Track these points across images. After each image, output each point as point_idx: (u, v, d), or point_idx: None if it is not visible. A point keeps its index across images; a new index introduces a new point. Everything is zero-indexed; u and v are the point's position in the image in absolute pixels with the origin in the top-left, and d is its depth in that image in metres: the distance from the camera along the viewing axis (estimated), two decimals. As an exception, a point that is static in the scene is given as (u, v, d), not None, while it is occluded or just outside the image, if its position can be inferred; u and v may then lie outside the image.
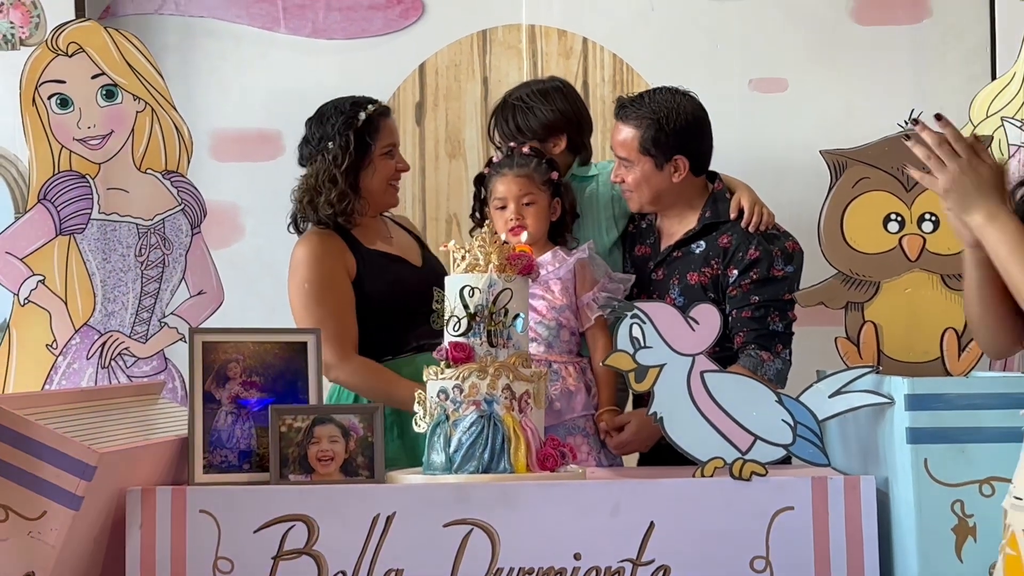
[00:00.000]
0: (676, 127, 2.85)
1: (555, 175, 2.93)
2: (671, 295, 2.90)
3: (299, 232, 3.02)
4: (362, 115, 2.94)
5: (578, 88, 3.57)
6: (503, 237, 2.68)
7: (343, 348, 2.85)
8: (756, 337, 2.79)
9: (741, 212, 2.90)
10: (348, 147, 2.90)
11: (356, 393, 2.89)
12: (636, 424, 2.80)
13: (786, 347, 2.81)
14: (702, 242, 2.91)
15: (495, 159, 2.98)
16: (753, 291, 2.81)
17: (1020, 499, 1.85)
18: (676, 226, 2.97)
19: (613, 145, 2.96)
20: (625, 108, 2.91)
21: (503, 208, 2.89)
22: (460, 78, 3.68)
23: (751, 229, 2.86)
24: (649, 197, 2.92)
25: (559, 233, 2.97)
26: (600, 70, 3.66)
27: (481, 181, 2.99)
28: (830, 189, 2.73)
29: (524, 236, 2.71)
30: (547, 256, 2.90)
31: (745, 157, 3.41)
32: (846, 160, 2.73)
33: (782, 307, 2.81)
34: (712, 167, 3.01)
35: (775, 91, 3.60)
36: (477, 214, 3.00)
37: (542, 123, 3.05)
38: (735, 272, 2.83)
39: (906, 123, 2.74)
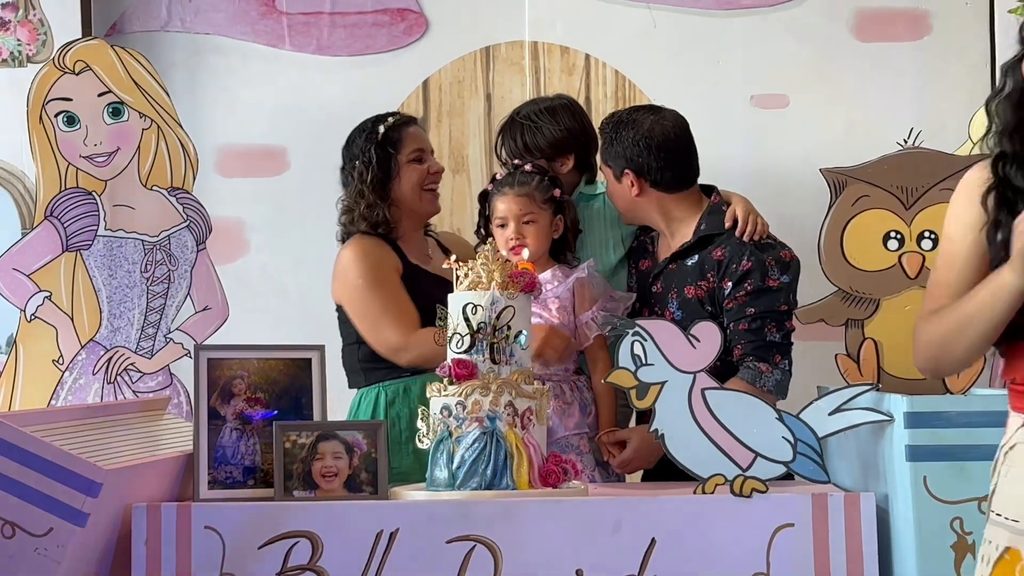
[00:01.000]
0: (623, 141, 2.92)
1: (557, 192, 2.95)
2: (670, 308, 2.91)
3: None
4: (381, 128, 3.01)
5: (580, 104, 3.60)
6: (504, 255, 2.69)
7: (407, 328, 2.88)
8: (754, 349, 2.80)
9: (735, 223, 2.91)
10: (371, 161, 2.98)
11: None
12: (637, 441, 2.81)
13: (784, 357, 2.82)
14: (695, 255, 2.92)
15: (499, 176, 2.99)
16: (749, 303, 2.82)
17: (1000, 515, 1.85)
18: (674, 239, 2.99)
19: None
20: (603, 122, 3.04)
21: (504, 227, 2.90)
22: (463, 94, 3.70)
23: (745, 239, 2.86)
24: (621, 208, 3.02)
25: (561, 251, 2.98)
26: (603, 86, 3.67)
27: (485, 198, 3.00)
28: (830, 207, 2.73)
29: (525, 254, 2.72)
30: (547, 274, 2.92)
31: (745, 173, 3.42)
32: (846, 178, 2.74)
33: (778, 317, 2.82)
34: (712, 182, 3.02)
35: (776, 107, 3.61)
36: (482, 231, 3.01)
37: (550, 142, 3.07)
38: (729, 284, 2.84)
39: (905, 141, 2.77)
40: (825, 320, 2.75)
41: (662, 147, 2.91)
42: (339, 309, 3.01)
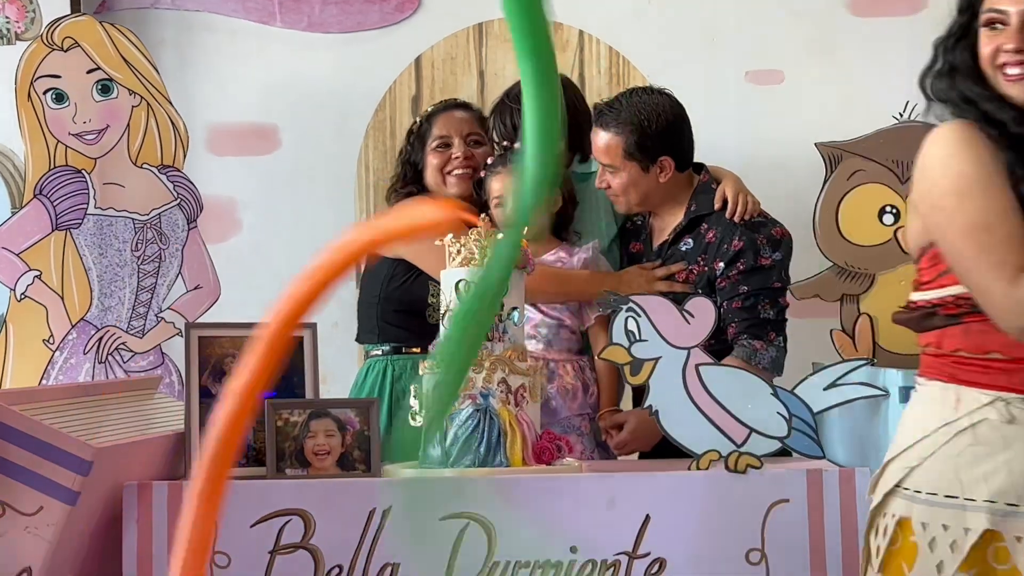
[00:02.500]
0: (658, 129, 2.85)
1: None
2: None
3: None
4: (418, 120, 3.04)
5: (574, 81, 3.58)
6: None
7: None
8: (748, 327, 2.79)
9: (726, 202, 2.89)
10: (409, 154, 3.02)
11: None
12: (635, 423, 2.80)
13: (779, 334, 2.81)
14: (689, 239, 2.90)
15: (490, 161, 2.97)
16: (742, 281, 2.80)
17: (908, 489, 1.82)
18: (665, 222, 2.96)
19: (595, 152, 2.91)
20: (604, 115, 2.87)
21: (500, 205, 2.88)
22: (456, 72, 3.67)
23: (735, 219, 2.84)
24: (637, 200, 2.90)
25: (562, 227, 2.96)
26: (596, 63, 3.65)
27: (480, 185, 2.98)
28: (825, 182, 2.73)
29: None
30: (550, 256, 2.89)
31: (740, 149, 3.41)
32: (841, 153, 2.73)
33: (772, 295, 2.81)
34: (706, 158, 3.00)
35: (771, 83, 3.59)
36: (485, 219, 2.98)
37: None
38: (722, 265, 2.82)
39: (901, 115, 2.76)
40: (820, 296, 2.75)
41: (683, 127, 2.89)
42: (394, 262, 2.93)
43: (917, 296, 1.90)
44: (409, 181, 3.01)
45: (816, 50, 3.58)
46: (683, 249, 2.89)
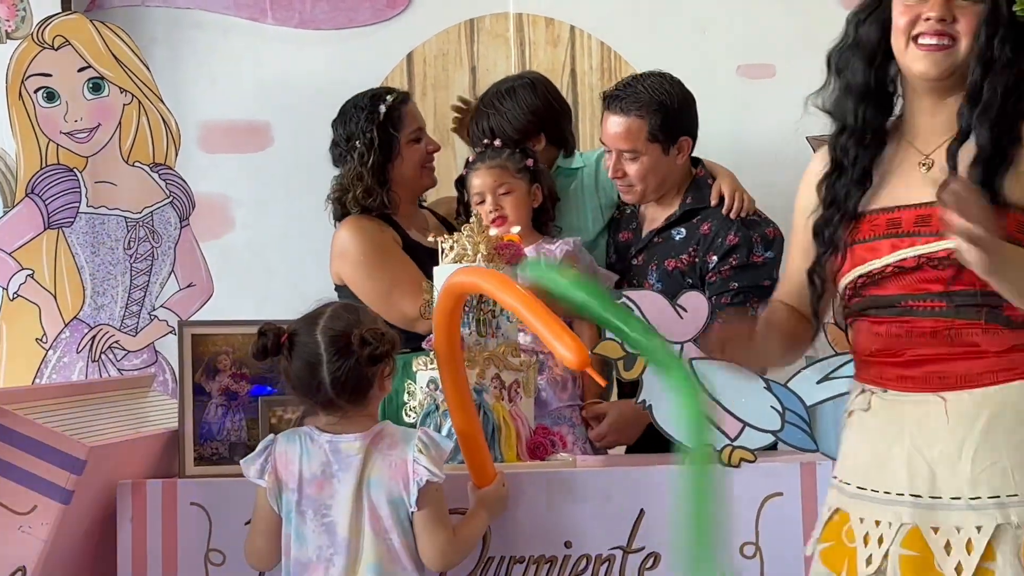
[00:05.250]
0: (680, 107, 2.86)
1: (530, 162, 2.92)
2: (649, 280, 2.89)
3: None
4: (382, 108, 2.94)
5: (565, 77, 3.58)
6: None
7: (420, 296, 2.82)
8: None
9: (722, 199, 2.89)
10: (373, 143, 2.91)
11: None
12: (614, 415, 2.81)
13: None
14: (682, 228, 2.91)
15: (470, 158, 2.98)
16: (733, 277, 2.81)
17: (835, 478, 1.99)
18: (658, 212, 2.97)
19: (607, 140, 2.90)
20: (621, 99, 2.85)
21: (482, 202, 2.89)
22: (448, 67, 3.67)
23: (732, 216, 2.85)
24: (655, 186, 2.89)
25: (543, 221, 2.96)
26: (588, 58, 3.65)
27: (461, 184, 2.99)
28: (816, 176, 2.72)
29: (515, 230, 2.69)
30: (530, 249, 2.90)
31: (733, 143, 3.41)
32: (832, 146, 2.72)
33: (761, 293, 2.80)
34: (699, 152, 3.00)
35: (763, 77, 3.59)
36: (463, 216, 2.98)
37: (515, 126, 3.02)
38: (714, 258, 2.83)
39: (890, 108, 2.75)
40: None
41: (695, 107, 2.91)
42: (339, 288, 2.97)
43: None
44: (377, 176, 2.92)
45: (807, 44, 3.55)
46: (675, 238, 2.89)
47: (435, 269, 2.51)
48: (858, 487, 1.92)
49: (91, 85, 3.22)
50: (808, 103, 2.01)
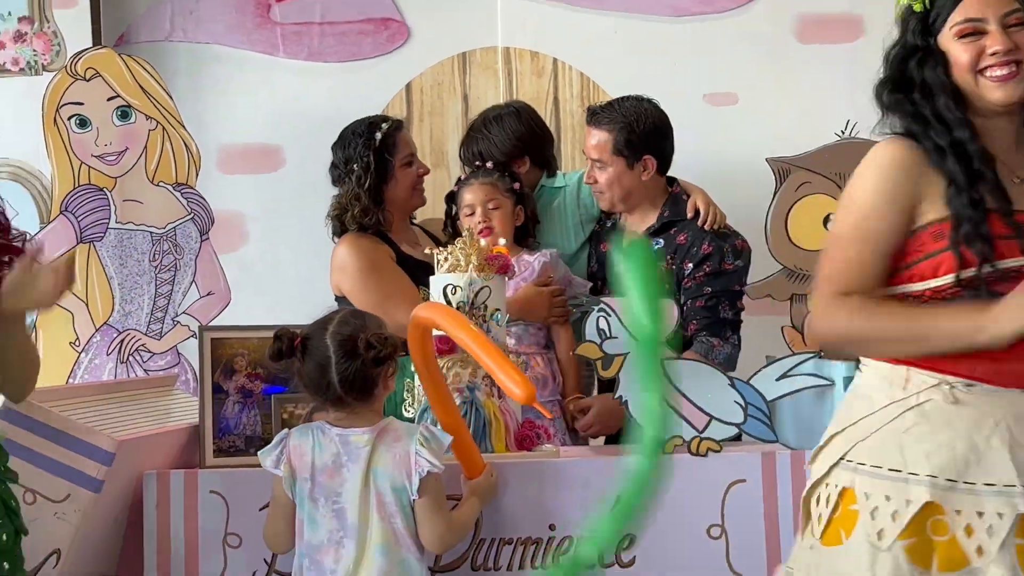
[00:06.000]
0: (645, 129, 2.86)
1: (517, 185, 2.95)
2: (631, 287, 2.90)
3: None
4: (378, 135, 2.93)
5: (549, 104, 3.59)
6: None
7: (413, 306, 2.81)
8: (708, 325, 2.80)
9: (697, 212, 2.91)
10: (370, 167, 2.89)
11: None
12: (599, 408, 2.81)
13: (735, 333, 2.82)
14: (661, 239, 2.91)
15: (462, 177, 2.99)
16: (706, 283, 2.82)
17: (852, 461, 1.78)
18: (639, 224, 2.98)
19: (585, 149, 2.94)
20: (597, 115, 2.91)
21: (472, 215, 2.89)
22: (443, 96, 3.67)
23: (706, 227, 2.86)
24: (620, 195, 2.92)
25: (523, 237, 2.97)
26: (569, 87, 3.65)
27: (451, 199, 2.99)
28: (775, 193, 2.74)
29: (502, 242, 2.69)
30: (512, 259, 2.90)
31: (700, 164, 3.40)
32: (789, 167, 2.74)
33: (732, 297, 2.82)
34: (671, 172, 3.01)
35: (727, 104, 3.60)
36: (449, 228, 2.99)
37: (502, 150, 3.02)
38: (690, 265, 2.84)
39: (843, 132, 2.77)
40: (772, 295, 2.76)
41: (668, 131, 2.92)
42: (339, 299, 2.96)
43: None
44: (372, 197, 2.90)
45: (767, 74, 3.59)
46: (654, 248, 2.90)
47: (431, 279, 2.51)
48: (947, 479, 1.72)
49: (119, 113, 3.22)
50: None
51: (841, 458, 1.79)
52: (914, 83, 1.84)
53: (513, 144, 3.04)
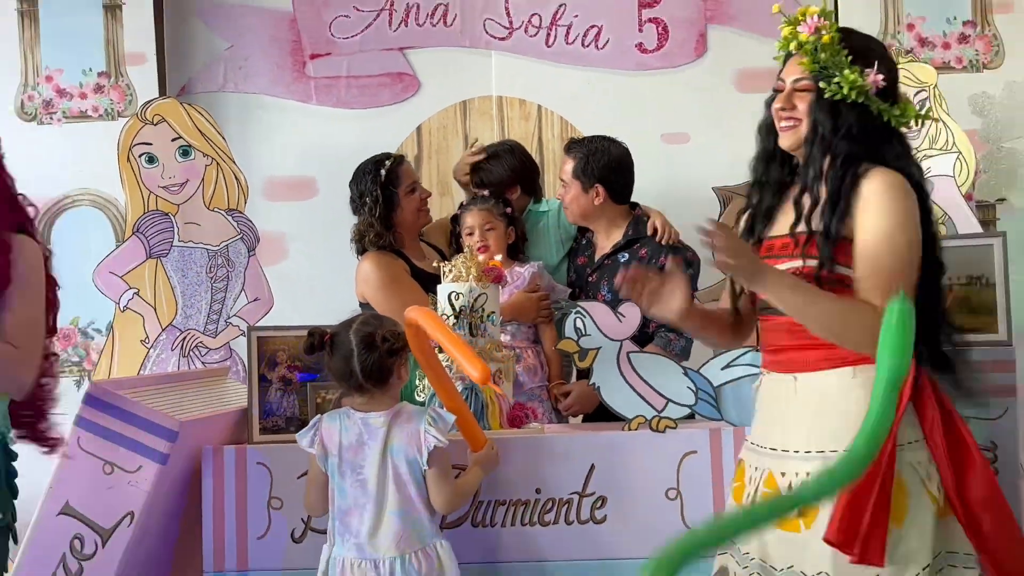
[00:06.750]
0: (599, 163, 2.89)
1: (509, 210, 2.96)
2: (601, 293, 2.91)
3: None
4: (383, 171, 2.91)
5: (533, 143, 3.61)
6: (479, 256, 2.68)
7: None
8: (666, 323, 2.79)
9: (655, 230, 2.92)
10: (378, 199, 2.88)
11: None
12: (578, 391, 2.81)
13: None
14: (626, 253, 2.92)
15: (464, 202, 3.00)
16: None
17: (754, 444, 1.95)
18: (606, 241, 2.99)
19: (560, 171, 2.99)
20: (570, 146, 2.97)
21: (471, 234, 2.90)
22: (447, 137, 3.68)
23: (663, 243, 2.87)
24: (578, 212, 2.95)
25: (515, 253, 2.98)
26: (551, 129, 3.67)
27: (456, 220, 3.00)
28: (720, 215, 2.75)
29: (499, 257, 2.70)
30: (505, 270, 2.90)
31: (658, 191, 3.40)
32: (732, 194, 2.76)
33: None
34: (634, 198, 3.02)
35: (680, 142, 3.61)
36: (453, 245, 3.00)
37: (498, 180, 3.04)
38: (651, 275, 2.84)
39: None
40: (717, 299, 2.75)
41: (623, 169, 2.92)
42: (363, 305, 2.93)
43: None
44: (384, 222, 2.88)
45: (712, 118, 3.60)
46: (621, 261, 2.91)
47: (438, 287, 2.51)
48: (752, 443, 1.96)
49: (181, 151, 3.22)
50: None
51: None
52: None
53: (508, 175, 3.06)
